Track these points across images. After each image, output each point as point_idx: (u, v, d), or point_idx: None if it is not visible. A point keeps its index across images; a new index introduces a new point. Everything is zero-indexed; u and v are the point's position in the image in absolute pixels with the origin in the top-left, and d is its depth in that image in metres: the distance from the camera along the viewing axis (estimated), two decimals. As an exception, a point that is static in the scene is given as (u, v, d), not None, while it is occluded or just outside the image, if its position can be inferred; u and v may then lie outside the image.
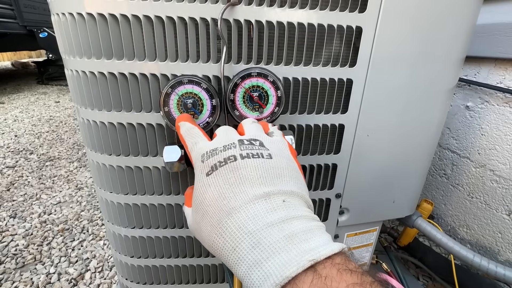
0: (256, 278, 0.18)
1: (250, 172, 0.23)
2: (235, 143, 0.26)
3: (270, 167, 0.25)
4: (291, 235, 0.20)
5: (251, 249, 0.20)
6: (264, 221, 0.21)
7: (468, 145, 0.81)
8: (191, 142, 0.29)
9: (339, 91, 0.42)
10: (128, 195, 0.45)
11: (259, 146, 0.27)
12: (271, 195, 0.22)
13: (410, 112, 0.47)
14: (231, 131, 0.29)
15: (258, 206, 0.22)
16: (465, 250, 0.59)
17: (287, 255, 0.19)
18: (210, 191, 0.23)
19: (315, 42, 0.38)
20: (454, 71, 0.49)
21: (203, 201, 0.24)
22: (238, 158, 0.24)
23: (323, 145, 0.46)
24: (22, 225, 1.08)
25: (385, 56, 0.41)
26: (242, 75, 0.35)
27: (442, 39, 0.43)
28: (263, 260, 0.19)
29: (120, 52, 0.35)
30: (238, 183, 0.23)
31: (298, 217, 0.21)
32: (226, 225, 0.21)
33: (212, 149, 0.26)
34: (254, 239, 0.20)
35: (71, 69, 0.38)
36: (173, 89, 0.34)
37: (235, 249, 0.20)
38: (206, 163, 0.25)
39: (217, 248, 0.22)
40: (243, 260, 0.20)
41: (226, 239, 0.21)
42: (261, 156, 0.25)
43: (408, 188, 0.57)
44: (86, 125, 0.41)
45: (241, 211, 0.21)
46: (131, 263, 0.52)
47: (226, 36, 0.36)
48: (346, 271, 0.18)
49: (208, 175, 0.24)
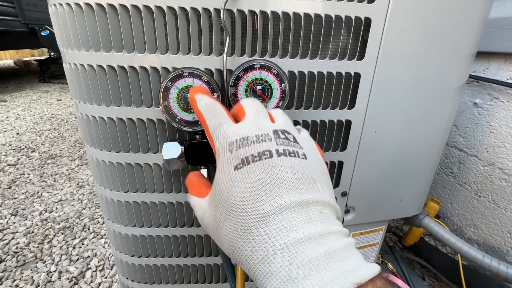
0: None
1: (287, 173, 0.21)
2: (269, 134, 0.23)
3: (306, 169, 0.22)
4: (331, 253, 0.18)
5: (287, 264, 0.18)
6: (301, 233, 0.19)
7: (476, 143, 0.79)
8: (213, 123, 0.25)
9: (346, 86, 0.41)
10: (128, 192, 0.43)
11: (293, 142, 0.24)
12: (308, 203, 0.20)
13: (418, 108, 0.46)
14: (261, 113, 0.25)
15: (295, 215, 0.19)
16: (474, 250, 0.58)
17: (328, 275, 0.17)
18: (239, 188, 0.21)
19: (322, 34, 0.37)
20: (465, 66, 0.47)
21: (228, 199, 0.21)
22: (274, 154, 0.21)
23: (329, 141, 0.45)
24: (23, 223, 1.08)
25: (394, 50, 0.40)
26: (245, 68, 0.34)
27: (453, 32, 0.42)
28: (300, 278, 0.17)
29: (120, 44, 0.34)
30: (273, 184, 0.20)
31: (334, 232, 0.20)
32: (257, 232, 0.19)
33: (242, 137, 0.22)
34: (291, 253, 0.18)
35: (69, 62, 0.37)
36: (172, 82, 0.33)
37: (267, 261, 0.18)
38: (235, 154, 0.22)
39: (242, 255, 0.20)
40: (275, 274, 0.18)
41: (255, 247, 0.19)
42: (297, 155, 0.22)
43: (416, 186, 0.55)
44: (85, 121, 0.40)
45: (276, 218, 0.19)
46: (132, 262, 0.51)
47: (229, 27, 0.35)
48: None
49: (237, 168, 0.21)
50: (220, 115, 0.25)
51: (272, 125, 0.24)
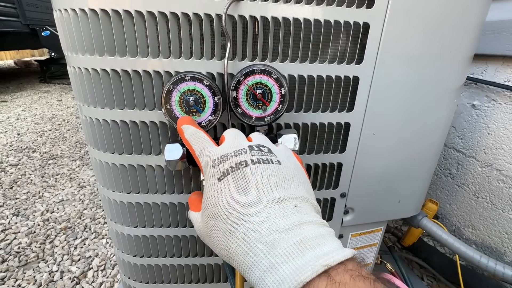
0: (271, 282, 0.19)
1: (262, 177, 0.24)
2: (245, 148, 0.26)
3: (280, 172, 0.25)
4: (304, 240, 0.20)
5: (265, 254, 0.20)
6: (277, 225, 0.21)
7: (474, 144, 0.80)
8: (198, 147, 0.28)
9: (345, 89, 0.42)
10: (131, 193, 0.44)
11: (267, 152, 0.27)
12: (283, 200, 0.23)
13: (417, 110, 0.47)
14: (239, 135, 0.30)
15: (271, 211, 0.22)
16: (472, 250, 0.58)
17: (301, 260, 0.19)
18: (222, 196, 0.23)
19: (321, 38, 0.38)
20: (462, 69, 0.48)
21: (215, 206, 0.24)
22: (249, 163, 0.25)
23: (328, 143, 0.45)
24: (25, 223, 1.08)
25: (392, 53, 0.40)
26: (245, 72, 0.34)
27: (451, 36, 0.42)
28: (277, 264, 0.19)
29: (123, 49, 0.35)
30: (250, 188, 0.23)
31: (309, 222, 0.22)
32: (239, 230, 0.21)
33: (223, 154, 0.26)
34: (268, 244, 0.20)
35: (73, 66, 0.37)
36: (175, 86, 0.34)
37: (249, 254, 0.20)
38: (218, 168, 0.25)
39: (230, 253, 0.22)
40: (257, 264, 0.20)
41: (239, 243, 0.21)
42: (270, 162, 0.25)
43: (414, 187, 0.56)
44: (89, 123, 0.40)
45: (254, 215, 0.22)
46: (134, 262, 0.51)
47: (231, 32, 0.35)
48: (359, 278, 0.18)
49: (220, 180, 0.24)
50: (203, 140, 0.29)
51: (248, 143, 0.28)
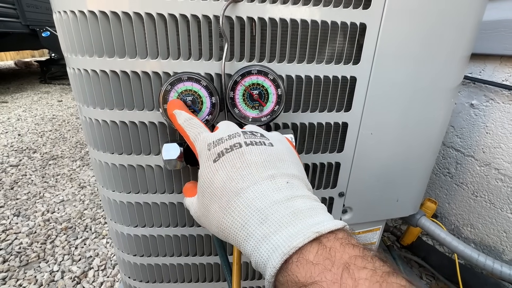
0: (265, 250, 0.20)
1: (255, 157, 0.25)
2: (238, 132, 0.28)
3: (272, 153, 0.26)
4: (297, 212, 0.21)
5: (260, 225, 0.21)
6: (270, 199, 0.22)
7: (473, 144, 0.80)
8: (193, 133, 0.29)
9: (342, 89, 0.42)
10: (130, 193, 0.44)
11: (260, 136, 0.28)
12: (275, 176, 0.24)
13: (414, 110, 0.47)
14: (232, 124, 0.31)
15: (264, 186, 0.23)
16: (470, 249, 0.59)
17: (294, 228, 0.20)
18: (218, 175, 0.24)
19: (318, 39, 0.38)
20: (459, 69, 0.48)
21: (211, 185, 0.25)
22: (243, 145, 0.26)
23: (326, 143, 0.46)
24: (25, 223, 1.09)
25: (389, 53, 0.41)
26: (242, 73, 0.35)
27: (447, 36, 0.43)
28: (271, 233, 0.20)
29: (122, 50, 0.35)
30: (244, 166, 0.24)
31: (301, 196, 0.23)
32: (235, 204, 0.23)
33: (218, 138, 0.27)
34: (262, 215, 0.21)
35: (73, 67, 0.38)
36: (172, 86, 0.34)
37: (244, 226, 0.21)
38: (213, 151, 0.26)
39: (226, 227, 0.23)
40: (251, 235, 0.21)
41: (235, 217, 0.22)
42: (263, 144, 0.27)
43: (412, 187, 0.56)
44: (89, 124, 0.41)
45: (248, 190, 0.23)
46: (134, 262, 0.52)
47: (229, 33, 0.36)
48: (349, 245, 0.19)
49: (215, 161, 0.25)
50: (198, 126, 0.30)
51: (241, 129, 0.30)
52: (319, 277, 0.17)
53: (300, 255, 0.18)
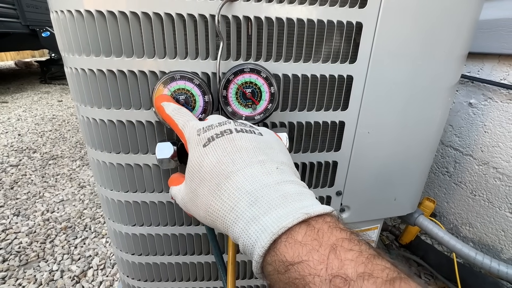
0: (253, 232, 0.20)
1: (246, 142, 0.25)
2: (229, 120, 0.28)
3: (262, 141, 0.27)
4: (286, 195, 0.21)
5: (249, 207, 0.21)
6: (261, 182, 0.22)
7: (471, 143, 0.80)
8: (182, 120, 0.29)
9: (339, 88, 0.42)
10: (128, 192, 0.45)
11: (249, 127, 0.29)
12: (265, 162, 0.24)
13: (411, 109, 0.47)
14: (222, 116, 0.31)
15: (254, 169, 0.23)
16: (467, 248, 0.59)
17: (283, 210, 0.20)
18: (207, 159, 0.24)
19: (314, 38, 0.38)
20: (456, 67, 0.48)
21: (200, 169, 0.25)
22: (233, 131, 0.26)
23: (323, 142, 0.46)
24: (25, 223, 1.09)
25: (386, 52, 0.41)
26: (235, 71, 0.35)
27: (444, 35, 0.43)
28: (261, 215, 0.20)
29: (119, 50, 0.35)
30: (235, 151, 0.24)
31: (291, 181, 0.23)
32: (224, 187, 0.23)
33: (208, 125, 0.27)
34: (252, 198, 0.21)
35: (70, 67, 0.38)
36: (165, 85, 0.34)
37: (234, 208, 0.21)
38: (203, 136, 0.26)
39: (214, 210, 0.23)
40: (241, 217, 0.21)
41: (224, 200, 0.22)
42: (253, 132, 0.27)
43: (410, 185, 0.56)
44: (86, 123, 0.41)
45: (239, 174, 0.23)
46: (132, 261, 0.52)
47: (225, 32, 0.36)
48: (336, 228, 0.19)
49: (205, 145, 0.25)
50: (187, 115, 0.30)
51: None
52: (306, 257, 0.17)
53: (288, 235, 0.19)
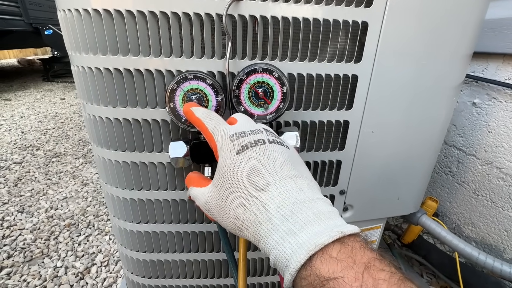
0: (289, 246, 0.20)
1: (278, 155, 0.26)
2: (261, 129, 0.28)
3: (291, 154, 0.28)
4: (319, 213, 0.22)
5: (285, 221, 0.22)
6: (295, 198, 0.23)
7: (475, 143, 0.80)
8: (212, 124, 0.30)
9: (344, 87, 0.42)
10: (133, 190, 0.45)
11: (277, 136, 0.30)
12: (297, 177, 0.25)
13: (415, 108, 0.47)
14: (250, 119, 0.31)
15: (288, 184, 0.24)
16: (470, 248, 0.59)
17: (318, 227, 0.21)
18: (242, 167, 0.25)
19: (320, 37, 0.38)
20: (461, 67, 0.48)
21: (233, 176, 0.25)
22: (266, 142, 0.27)
23: (328, 141, 0.46)
24: (29, 220, 1.10)
25: (391, 52, 0.41)
26: (247, 71, 0.35)
27: (450, 34, 0.43)
28: (296, 230, 0.21)
29: (126, 48, 0.35)
30: (269, 163, 0.25)
31: (321, 199, 0.24)
32: (259, 199, 0.23)
33: (240, 131, 0.28)
34: (287, 212, 0.22)
35: (77, 65, 0.38)
36: (178, 85, 0.34)
37: (268, 220, 0.22)
38: (236, 142, 0.27)
39: (246, 220, 0.23)
40: (276, 230, 0.22)
41: (259, 211, 0.23)
42: (283, 145, 0.28)
43: (413, 185, 0.56)
44: (92, 121, 0.41)
45: (274, 186, 0.24)
46: (137, 258, 0.52)
47: (231, 31, 0.36)
48: (367, 248, 0.20)
49: (238, 153, 0.26)
50: (217, 118, 0.30)
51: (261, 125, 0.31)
52: (342, 273, 0.18)
53: (324, 251, 0.19)
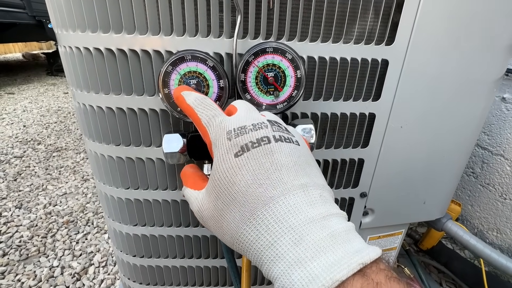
0: (298, 278, 0.17)
1: (286, 158, 0.21)
2: (265, 122, 0.23)
3: (301, 154, 0.23)
4: (335, 234, 0.18)
5: (293, 246, 0.18)
6: (305, 215, 0.19)
7: (503, 141, 0.73)
8: (206, 115, 0.24)
9: (371, 74, 0.36)
10: (129, 189, 0.40)
11: (285, 130, 0.24)
12: (308, 186, 0.20)
13: (451, 103, 0.41)
14: (252, 108, 0.26)
15: (297, 198, 0.19)
16: (504, 258, 0.53)
17: (334, 256, 0.17)
18: (241, 175, 0.20)
19: (347, 14, 0.32)
20: (503, 59, 0.42)
21: (231, 186, 0.21)
22: (272, 140, 0.22)
23: (349, 137, 0.40)
24: (27, 216, 1.07)
25: (429, 35, 0.35)
26: (255, 51, 0.30)
27: (494, 23, 0.37)
28: (308, 259, 0.17)
29: (119, 24, 0.30)
30: (274, 169, 0.20)
31: (335, 214, 0.20)
32: (262, 217, 0.19)
33: (240, 126, 0.23)
34: (296, 235, 0.18)
35: (64, 45, 0.33)
36: (174, 67, 0.29)
37: (273, 245, 0.18)
38: (234, 142, 0.22)
39: (246, 241, 0.19)
40: (282, 257, 0.18)
41: (261, 232, 0.19)
42: (292, 141, 0.23)
43: (441, 188, 0.50)
44: (83, 110, 0.36)
45: (279, 201, 0.19)
46: (134, 263, 0.48)
47: (242, 5, 0.30)
48: (393, 279, 0.17)
49: (237, 156, 0.21)
50: (213, 108, 0.25)
51: (264, 117, 0.25)
52: None
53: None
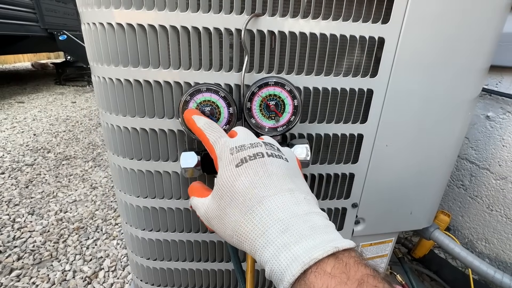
0: (284, 259, 0.21)
1: (276, 168, 0.27)
2: (260, 143, 0.29)
3: (289, 167, 0.28)
4: (315, 227, 0.22)
5: (280, 234, 0.22)
6: (291, 211, 0.23)
7: (488, 156, 0.79)
8: (214, 136, 0.30)
9: (359, 101, 0.42)
10: (147, 198, 0.46)
11: (277, 149, 0.30)
12: (294, 190, 0.25)
13: (430, 122, 0.47)
14: (251, 133, 0.32)
15: (285, 198, 0.24)
16: (485, 265, 0.57)
17: (313, 241, 0.21)
18: (240, 180, 0.25)
19: (336, 52, 0.38)
20: (478, 81, 0.48)
21: (232, 189, 0.25)
22: (265, 155, 0.27)
23: (341, 154, 0.46)
24: (39, 222, 1.12)
25: (407, 66, 0.41)
26: (260, 84, 0.36)
27: (466, 49, 0.43)
28: (292, 243, 0.21)
29: (146, 61, 0.36)
30: (267, 176, 0.26)
31: (317, 213, 0.25)
32: (256, 212, 0.24)
33: (240, 144, 0.28)
34: (283, 226, 0.22)
35: (98, 75, 0.39)
36: (191, 97, 0.35)
37: (265, 233, 0.23)
38: (236, 156, 0.27)
39: (244, 232, 0.24)
40: (271, 243, 0.22)
41: (255, 223, 0.23)
42: (281, 158, 0.28)
43: (426, 199, 0.56)
44: (110, 130, 0.42)
45: (271, 200, 0.24)
46: (147, 265, 0.53)
47: (249, 46, 0.37)
48: (361, 264, 0.20)
49: (237, 166, 0.26)
50: (219, 131, 0.31)
51: (260, 139, 0.31)
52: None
53: (318, 266, 0.20)
